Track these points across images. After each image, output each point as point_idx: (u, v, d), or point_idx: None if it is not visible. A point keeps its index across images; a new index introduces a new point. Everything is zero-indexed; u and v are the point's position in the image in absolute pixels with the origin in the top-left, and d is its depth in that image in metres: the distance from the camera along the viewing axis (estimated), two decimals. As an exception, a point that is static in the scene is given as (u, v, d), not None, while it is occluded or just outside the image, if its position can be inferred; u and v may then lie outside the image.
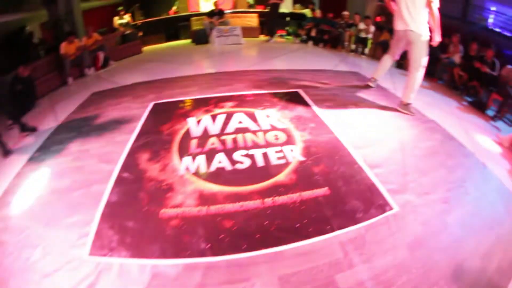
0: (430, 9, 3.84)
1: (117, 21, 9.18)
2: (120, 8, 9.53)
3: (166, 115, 3.26)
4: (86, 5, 8.71)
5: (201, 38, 8.18)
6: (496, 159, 3.82)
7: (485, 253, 2.03)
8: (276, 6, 8.30)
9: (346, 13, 9.45)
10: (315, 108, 3.49)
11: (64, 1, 6.75)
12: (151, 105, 3.48)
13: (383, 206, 2.27)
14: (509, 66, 6.28)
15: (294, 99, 3.70)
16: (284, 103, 3.54)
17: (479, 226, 2.27)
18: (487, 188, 2.85)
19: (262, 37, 8.53)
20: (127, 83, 4.67)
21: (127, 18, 9.46)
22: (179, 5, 11.95)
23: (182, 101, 3.61)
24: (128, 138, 2.96)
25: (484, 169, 3.37)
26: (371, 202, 2.30)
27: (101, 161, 2.80)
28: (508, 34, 15.16)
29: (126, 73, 5.46)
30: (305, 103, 3.61)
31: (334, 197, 2.33)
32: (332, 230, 2.05)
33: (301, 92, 3.93)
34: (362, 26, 8.45)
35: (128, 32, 7.98)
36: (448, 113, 5.00)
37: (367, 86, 4.59)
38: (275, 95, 3.75)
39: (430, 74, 8.03)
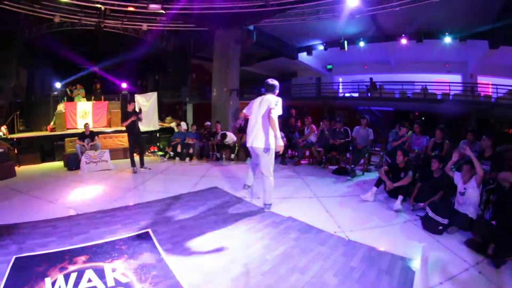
0: (269, 118, 4.21)
1: (-7, 133, 8.34)
2: None
3: (26, 274, 2.99)
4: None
5: (72, 163, 8.03)
6: (360, 224, 4.16)
7: None
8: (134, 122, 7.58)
9: (208, 123, 10.03)
10: (161, 250, 3.34)
11: None
12: (13, 259, 3.18)
13: None
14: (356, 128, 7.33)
15: (142, 243, 3.54)
16: (132, 250, 3.36)
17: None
18: (352, 264, 3.03)
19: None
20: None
21: (3, 130, 9.11)
22: (57, 121, 11.58)
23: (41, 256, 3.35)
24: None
25: (348, 243, 3.54)
26: None
27: None
28: (355, 95, 18.56)
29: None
30: (152, 246, 3.44)
31: None
32: None
33: (150, 232, 3.76)
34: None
35: (1, 150, 7.43)
36: (311, 197, 5.28)
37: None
38: (125, 241, 3.59)
39: (293, 157, 8.83)
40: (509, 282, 2.93)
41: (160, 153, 10.21)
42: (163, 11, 9.67)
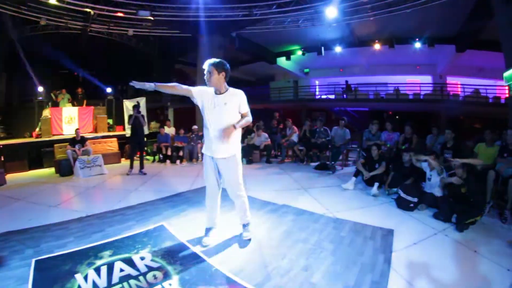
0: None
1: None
2: None
3: (53, 274, 3.00)
4: None
5: (65, 169, 8.13)
6: (344, 207, 4.85)
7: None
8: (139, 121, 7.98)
9: (195, 127, 10.46)
10: (181, 237, 3.70)
11: None
12: (33, 262, 3.18)
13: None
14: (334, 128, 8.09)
15: (161, 234, 3.84)
16: (154, 241, 3.65)
17: (342, 267, 2.99)
18: (342, 234, 3.72)
19: (123, 161, 8.83)
20: (-3, 232, 4.11)
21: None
22: (42, 126, 11.31)
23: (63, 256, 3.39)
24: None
25: (336, 221, 4.21)
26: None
27: None
28: (331, 97, 19.28)
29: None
30: (171, 236, 3.78)
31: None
32: None
33: (165, 225, 4.09)
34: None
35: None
36: (299, 189, 5.92)
37: None
38: (144, 234, 3.85)
39: (276, 156, 9.46)
40: (471, 241, 3.64)
41: (149, 157, 10.49)
42: (151, 18, 10.05)
